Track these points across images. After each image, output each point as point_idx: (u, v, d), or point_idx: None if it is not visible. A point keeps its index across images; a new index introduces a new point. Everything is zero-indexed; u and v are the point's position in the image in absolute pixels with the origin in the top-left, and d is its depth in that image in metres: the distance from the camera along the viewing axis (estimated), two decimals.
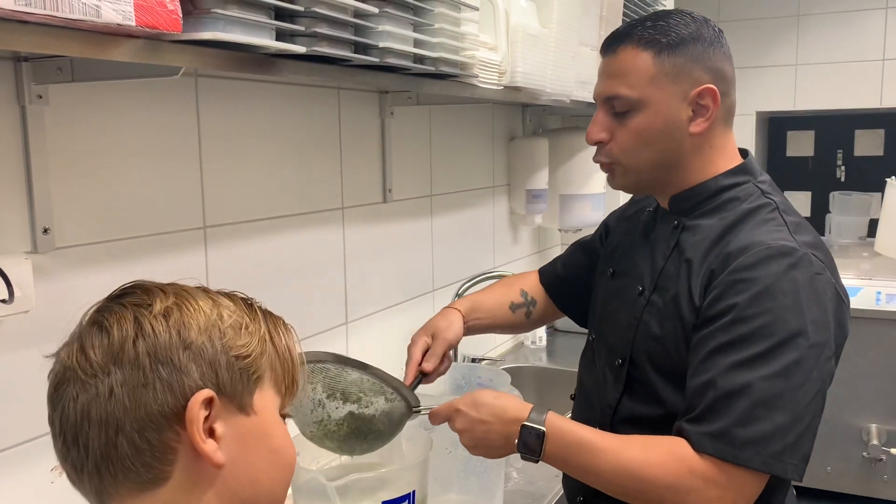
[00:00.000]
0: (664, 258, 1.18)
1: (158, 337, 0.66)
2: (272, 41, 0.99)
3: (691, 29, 1.13)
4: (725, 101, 1.15)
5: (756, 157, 3.95)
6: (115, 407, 0.65)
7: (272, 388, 0.73)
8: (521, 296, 1.50)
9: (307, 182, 1.61)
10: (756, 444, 1.00)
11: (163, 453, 0.66)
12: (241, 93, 1.44)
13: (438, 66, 1.35)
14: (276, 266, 1.54)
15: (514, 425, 1.08)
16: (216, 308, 0.71)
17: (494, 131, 2.45)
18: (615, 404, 1.21)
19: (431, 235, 2.11)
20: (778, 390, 1.00)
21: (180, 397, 0.66)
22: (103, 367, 0.66)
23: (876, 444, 2.96)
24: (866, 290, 2.99)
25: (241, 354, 0.70)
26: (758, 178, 1.18)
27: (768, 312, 1.02)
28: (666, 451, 1.04)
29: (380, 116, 1.83)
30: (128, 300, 0.69)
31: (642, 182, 1.20)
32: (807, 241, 1.09)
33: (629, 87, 1.13)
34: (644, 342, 1.17)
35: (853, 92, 3.67)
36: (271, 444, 0.73)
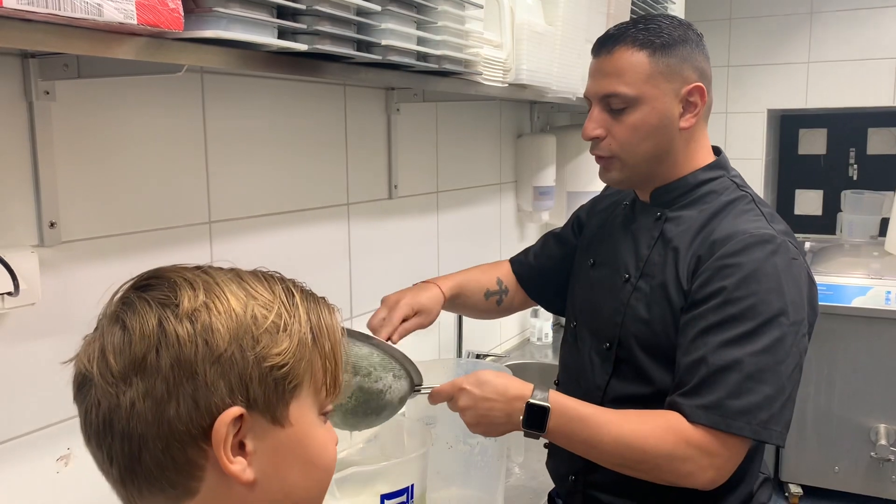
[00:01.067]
0: (649, 247, 1.27)
1: (183, 348, 0.60)
2: (274, 39, 1.00)
3: (680, 32, 1.23)
4: (707, 99, 1.25)
5: (768, 154, 3.95)
6: (138, 421, 0.61)
7: (311, 393, 0.67)
8: (497, 284, 1.55)
9: (312, 178, 1.63)
10: (747, 413, 1.09)
11: (189, 470, 0.62)
12: (246, 89, 1.45)
13: (442, 64, 1.35)
14: (281, 262, 1.55)
15: (517, 402, 1.14)
16: (250, 306, 0.64)
17: (502, 128, 2.46)
18: (604, 385, 1.28)
19: (437, 232, 2.12)
20: (764, 365, 1.10)
21: (206, 415, 0.61)
22: (124, 377, 0.61)
23: (884, 445, 2.95)
24: (876, 289, 2.97)
25: (276, 364, 0.63)
26: (730, 172, 1.29)
27: (754, 294, 1.12)
28: (662, 423, 1.12)
29: (386, 113, 1.84)
30: (153, 295, 0.63)
31: (635, 176, 1.28)
32: (781, 229, 1.20)
33: (627, 85, 1.20)
34: (632, 326, 1.25)
35: (866, 90, 3.64)
36: (307, 454, 0.68)
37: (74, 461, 1.19)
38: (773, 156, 4.14)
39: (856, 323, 2.99)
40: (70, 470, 1.18)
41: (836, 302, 3.00)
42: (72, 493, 1.19)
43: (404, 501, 1.15)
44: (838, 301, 3.00)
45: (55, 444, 1.16)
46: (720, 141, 3.87)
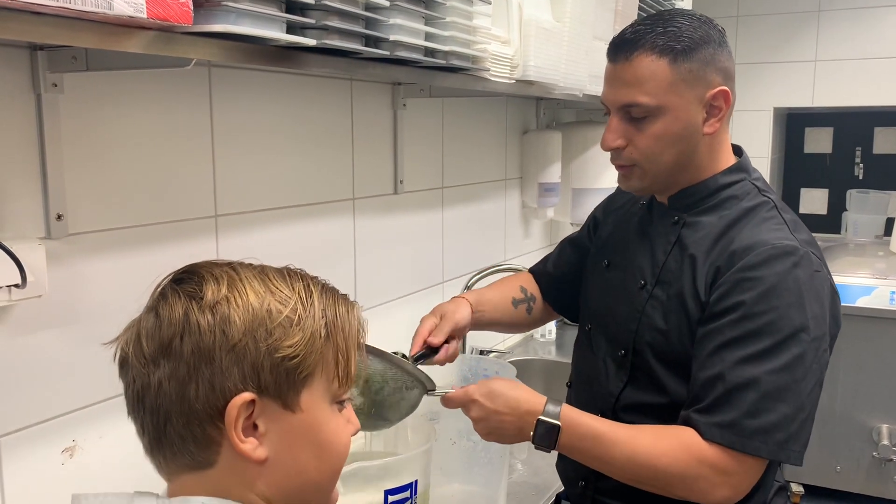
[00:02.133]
0: (665, 253, 1.22)
1: (203, 336, 0.67)
2: (282, 34, 1.00)
3: (701, 32, 1.16)
4: (731, 100, 1.19)
5: (773, 153, 3.94)
6: (164, 399, 0.68)
7: (324, 382, 0.73)
8: (521, 292, 1.52)
9: (318, 172, 1.63)
10: (763, 433, 1.06)
11: (207, 444, 0.69)
12: (253, 83, 1.45)
13: (449, 60, 1.35)
14: (286, 256, 1.54)
15: (529, 417, 1.13)
16: (267, 300, 0.70)
17: (508, 124, 2.45)
18: (618, 393, 1.26)
19: (442, 227, 2.12)
20: (783, 383, 1.07)
21: (220, 397, 0.67)
22: (154, 360, 0.69)
23: (886, 445, 2.94)
24: (881, 289, 2.97)
25: (287, 356, 0.69)
26: (752, 175, 1.24)
27: (774, 310, 1.08)
28: (675, 441, 1.10)
29: (392, 108, 1.84)
30: (184, 287, 0.70)
31: (657, 184, 1.23)
32: (805, 239, 1.15)
33: (648, 95, 1.14)
34: (647, 334, 1.21)
35: (873, 89, 3.63)
36: (318, 438, 0.73)
37: (80, 453, 1.19)
38: (779, 154, 4.14)
39: (860, 323, 2.98)
40: (75, 461, 1.19)
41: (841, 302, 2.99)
42: (77, 484, 1.19)
43: (408, 497, 1.15)
44: (843, 301, 2.97)
45: (61, 435, 1.17)
46: None
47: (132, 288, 1.25)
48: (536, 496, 1.58)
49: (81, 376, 1.18)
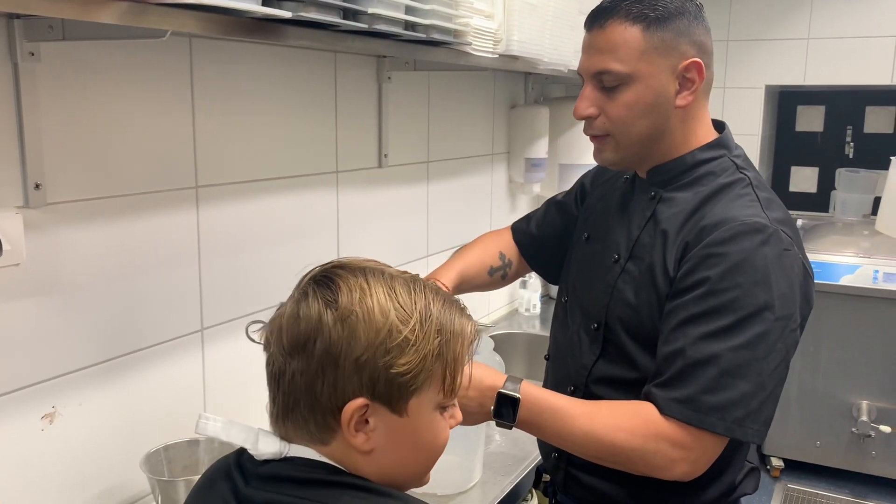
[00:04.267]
0: (640, 228, 1.23)
1: (333, 344, 0.76)
2: (257, 6, 1.00)
3: (677, 3, 1.16)
4: (707, 74, 1.18)
5: (765, 131, 3.94)
6: (294, 387, 0.78)
7: (432, 393, 0.80)
8: (500, 258, 1.53)
9: (301, 145, 1.63)
10: (721, 410, 1.06)
11: (325, 429, 0.79)
12: (235, 54, 1.45)
13: (430, 33, 1.35)
14: (267, 228, 1.57)
15: (490, 392, 1.12)
16: (391, 319, 0.77)
17: (495, 99, 2.45)
18: (590, 366, 1.26)
19: (427, 201, 2.13)
20: (743, 361, 1.07)
21: (341, 398, 0.77)
22: (291, 354, 0.78)
23: (865, 421, 2.99)
24: (864, 268, 3.00)
25: (400, 373, 0.77)
26: (733, 151, 1.22)
27: (738, 287, 1.08)
28: (633, 416, 1.10)
29: (377, 81, 1.84)
30: (323, 292, 0.78)
31: (630, 157, 1.22)
32: (777, 217, 1.14)
33: (620, 62, 1.14)
34: (618, 309, 1.22)
35: (865, 68, 3.62)
36: (419, 440, 0.81)
37: (59, 419, 1.21)
38: (770, 132, 4.13)
39: (843, 301, 3.01)
40: (54, 428, 1.21)
41: (825, 280, 3.02)
42: (56, 450, 1.21)
43: None
44: (827, 279, 3.02)
45: (40, 402, 1.19)
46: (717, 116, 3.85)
47: (111, 257, 1.27)
48: (513, 466, 1.61)
49: (60, 344, 1.20)
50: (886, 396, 3.01)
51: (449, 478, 1.48)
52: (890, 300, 2.95)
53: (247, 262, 1.53)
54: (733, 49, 3.82)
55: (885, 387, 3.01)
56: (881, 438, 3.00)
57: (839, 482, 3.17)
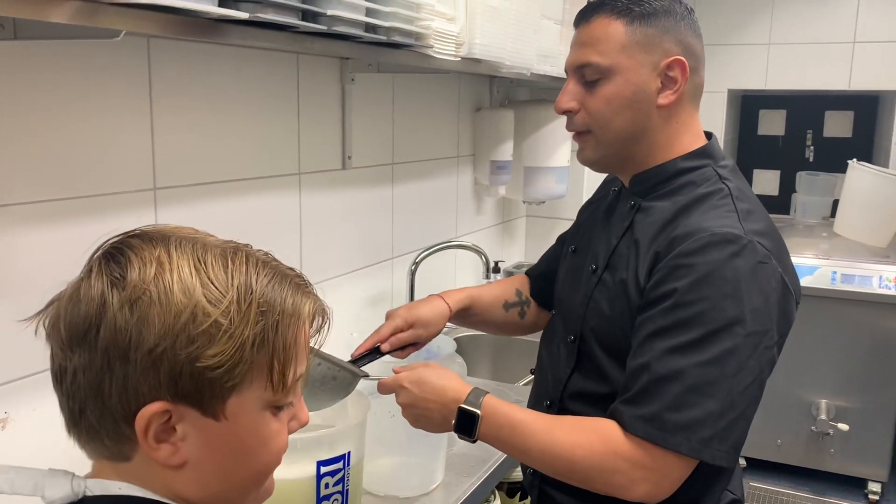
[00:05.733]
0: (618, 238, 1.19)
1: (119, 332, 0.61)
2: (214, 7, 0.99)
3: (664, 2, 1.15)
4: (694, 78, 1.16)
5: (727, 134, 4.00)
6: (78, 389, 0.63)
7: (256, 389, 0.65)
8: (516, 294, 1.48)
9: (263, 146, 1.62)
10: (686, 429, 1.01)
11: (121, 440, 0.64)
12: (195, 54, 1.44)
13: (391, 36, 1.35)
14: (228, 230, 1.53)
15: (452, 405, 1.11)
16: (196, 298, 0.62)
17: (460, 101, 2.46)
18: (565, 380, 1.24)
19: (392, 203, 2.13)
20: (711, 377, 1.02)
21: (134, 400, 0.62)
22: (69, 347, 0.63)
23: (824, 419, 3.05)
24: (823, 269, 3.05)
25: (210, 366, 0.62)
26: (718, 162, 1.18)
27: (706, 299, 1.03)
28: (593, 433, 1.07)
29: (340, 82, 1.83)
30: (110, 267, 0.64)
31: (610, 156, 1.19)
32: (756, 228, 1.08)
33: (600, 55, 1.13)
34: (593, 320, 1.19)
35: (824, 73, 3.70)
36: (244, 446, 0.67)
37: (12, 424, 1.19)
38: (733, 135, 4.20)
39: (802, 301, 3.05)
40: (7, 433, 1.19)
41: None
42: (9, 456, 1.19)
43: (340, 468, 1.17)
44: None
45: None
46: None
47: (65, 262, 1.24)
48: (476, 467, 1.61)
49: (13, 349, 1.18)
50: (844, 395, 3.07)
51: (411, 480, 1.48)
52: (847, 301, 3.01)
53: None
54: None
55: (843, 385, 3.07)
56: (839, 436, 3.06)
57: (800, 480, 3.23)
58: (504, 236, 2.92)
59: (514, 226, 3.01)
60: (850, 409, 3.06)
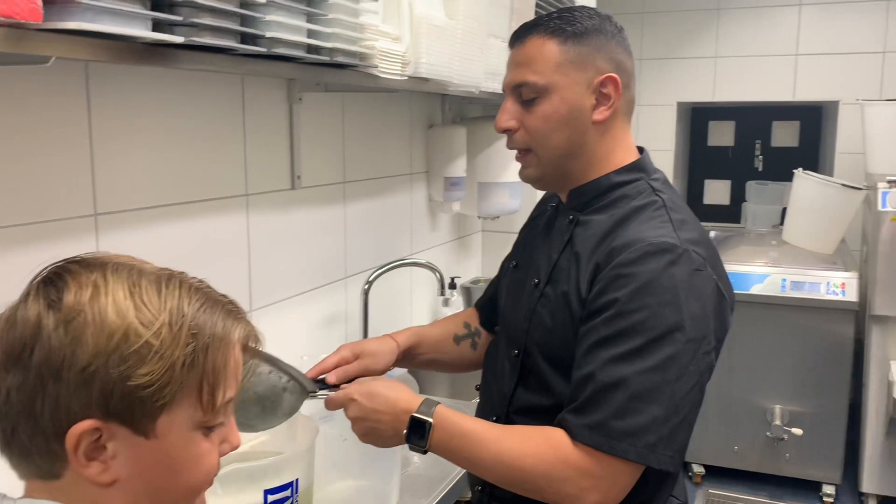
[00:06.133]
0: (558, 252, 1.22)
1: (53, 351, 0.64)
2: (147, 32, 0.98)
3: (595, 22, 1.19)
4: (626, 94, 1.20)
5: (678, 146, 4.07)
6: (10, 408, 0.66)
7: (186, 409, 0.69)
8: (465, 327, 1.48)
9: (208, 168, 1.60)
10: (632, 435, 1.03)
11: (52, 458, 0.67)
12: (136, 77, 1.41)
13: (334, 57, 1.35)
14: (174, 254, 1.53)
15: (404, 416, 1.11)
16: (129, 320, 0.65)
17: (412, 118, 2.46)
18: (510, 394, 1.25)
19: (345, 222, 2.12)
20: (654, 384, 1.04)
21: (65, 418, 0.65)
22: (5, 367, 0.66)
23: (778, 425, 3.10)
24: (773, 277, 3.12)
25: (141, 384, 0.65)
26: (651, 175, 1.22)
27: (646, 308, 1.06)
28: (543, 442, 1.08)
29: (288, 102, 1.82)
30: (47, 291, 0.67)
31: (550, 174, 1.22)
32: (690, 238, 1.12)
33: (536, 74, 1.16)
34: (537, 333, 1.21)
35: (769, 85, 3.80)
36: (175, 464, 0.69)
37: None
38: (684, 147, 4.28)
39: (754, 309, 3.13)
40: None
41: (736, 289, 3.09)
42: None
43: (288, 496, 1.15)
44: (738, 288, 3.12)
45: None
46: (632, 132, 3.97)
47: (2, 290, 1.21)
48: (431, 487, 1.60)
49: None
50: (797, 400, 3.13)
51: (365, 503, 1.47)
52: (797, 307, 3.08)
53: None
54: (646, 67, 3.94)
55: (796, 390, 3.13)
56: (793, 441, 3.12)
57: (757, 485, 3.28)
58: (460, 252, 2.93)
59: (470, 241, 3.02)
60: (804, 414, 3.12)
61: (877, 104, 3.16)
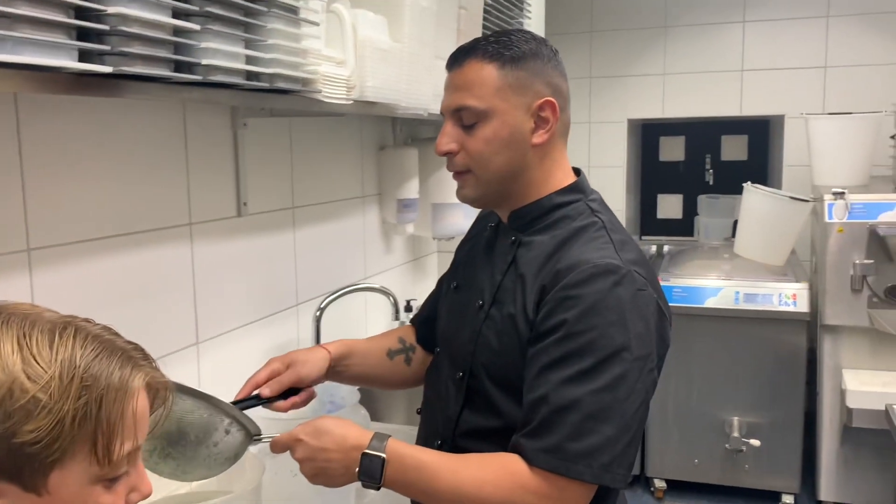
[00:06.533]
0: (502, 273, 1.23)
1: None
2: (72, 62, 0.94)
3: (531, 46, 1.20)
4: (563, 117, 1.22)
5: (630, 162, 4.12)
6: None
7: (80, 463, 0.66)
8: (399, 342, 1.46)
9: (149, 198, 1.55)
10: (587, 456, 1.04)
11: None
12: (69, 107, 1.37)
13: (274, 82, 1.32)
14: (114, 288, 1.48)
15: (354, 453, 1.09)
16: (15, 374, 0.63)
17: (363, 141, 2.44)
18: (456, 417, 1.24)
19: (295, 248, 2.08)
20: (606, 404, 1.06)
21: None
22: None
23: (737, 437, 3.12)
24: (726, 290, 3.15)
25: (28, 441, 0.63)
26: (589, 196, 1.25)
27: (595, 328, 1.07)
28: (499, 469, 1.08)
29: (232, 128, 1.78)
30: None
31: (489, 195, 1.23)
32: (631, 258, 1.15)
33: (477, 98, 1.17)
34: (483, 355, 1.21)
35: (717, 100, 3.86)
36: None
37: None
38: (636, 162, 4.33)
39: (709, 322, 3.16)
40: None
41: (691, 303, 3.16)
42: None
43: None
44: (693, 302, 3.16)
45: None
46: (584, 150, 4.01)
47: None
48: None
49: None
50: (754, 411, 3.16)
51: None
52: (751, 319, 3.11)
53: None
54: (596, 85, 3.99)
55: (753, 402, 3.16)
56: (752, 452, 3.14)
57: (718, 498, 3.29)
58: (416, 274, 2.90)
59: (426, 262, 2.99)
60: (761, 425, 3.15)
61: (820, 118, 3.23)
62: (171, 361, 1.61)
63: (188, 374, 1.65)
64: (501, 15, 2.40)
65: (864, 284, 2.83)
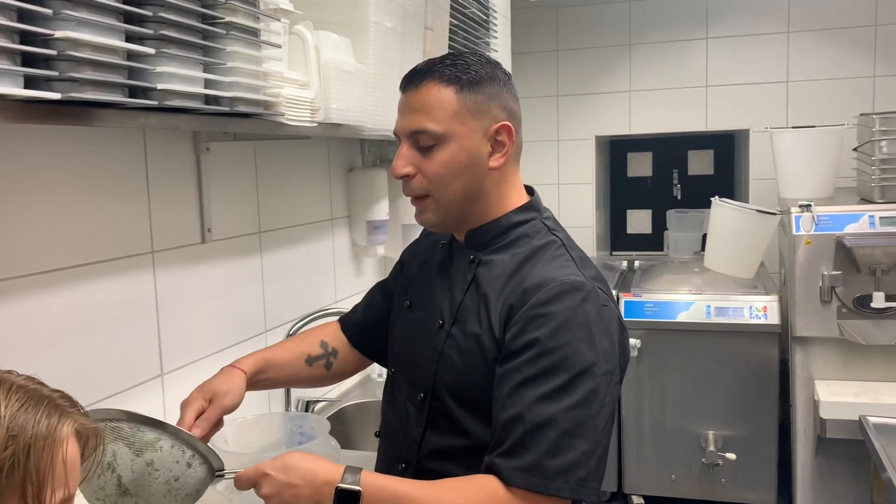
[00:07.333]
0: (462, 292, 1.22)
1: None
2: (18, 89, 0.90)
3: (488, 70, 1.20)
4: (517, 139, 1.23)
5: (598, 178, 4.13)
6: None
7: None
8: (321, 347, 1.45)
9: (109, 226, 1.51)
10: (565, 473, 1.05)
11: None
12: (25, 132, 1.32)
13: (234, 106, 1.29)
14: (74, 320, 1.43)
15: (326, 488, 1.05)
16: None
17: (331, 163, 2.41)
18: (419, 439, 1.23)
19: (262, 274, 2.04)
20: (580, 419, 1.07)
21: None
22: None
23: (713, 451, 3.12)
24: (697, 304, 3.16)
25: None
26: (543, 214, 1.27)
27: (567, 345, 1.09)
28: (478, 491, 1.07)
29: (194, 153, 1.75)
30: None
31: (450, 218, 1.23)
32: (592, 275, 1.18)
33: (435, 122, 1.16)
34: (446, 375, 1.20)
35: (683, 116, 3.90)
36: None
37: None
38: (604, 179, 4.35)
39: (681, 336, 3.16)
40: None
41: (663, 318, 3.16)
42: None
43: None
44: (665, 317, 3.16)
45: None
46: (553, 167, 4.02)
47: None
48: None
49: None
50: (729, 425, 3.16)
51: None
52: (723, 332, 3.12)
53: (52, 361, 1.38)
54: (563, 103, 4.01)
55: (727, 415, 3.16)
56: (728, 465, 3.14)
57: None
58: None
59: None
60: (736, 438, 3.15)
61: (784, 132, 3.27)
62: (134, 394, 1.56)
63: (152, 406, 1.60)
64: (468, 35, 2.40)
65: (832, 295, 2.85)
